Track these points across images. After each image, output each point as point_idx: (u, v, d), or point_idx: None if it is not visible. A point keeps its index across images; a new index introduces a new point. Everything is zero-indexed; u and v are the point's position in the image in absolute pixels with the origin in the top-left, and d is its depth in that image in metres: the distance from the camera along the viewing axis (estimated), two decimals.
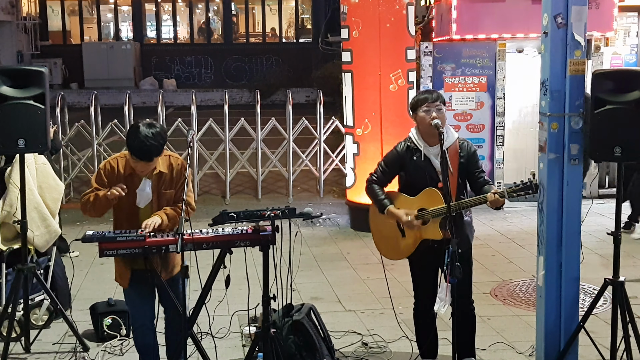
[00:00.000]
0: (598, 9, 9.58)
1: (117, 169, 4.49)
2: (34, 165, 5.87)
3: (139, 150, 4.31)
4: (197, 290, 4.74)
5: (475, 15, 9.72)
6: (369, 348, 5.45)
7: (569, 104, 4.59)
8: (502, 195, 4.35)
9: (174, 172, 4.58)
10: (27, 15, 24.06)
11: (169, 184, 4.58)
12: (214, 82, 26.25)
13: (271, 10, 27.73)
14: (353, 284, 6.98)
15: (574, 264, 4.72)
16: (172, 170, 4.58)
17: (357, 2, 8.63)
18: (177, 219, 4.50)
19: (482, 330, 5.57)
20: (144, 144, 4.28)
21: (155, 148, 4.33)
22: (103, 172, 4.51)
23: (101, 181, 4.49)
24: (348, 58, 8.84)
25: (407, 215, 4.55)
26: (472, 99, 9.96)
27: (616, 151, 4.46)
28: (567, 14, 4.51)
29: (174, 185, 4.59)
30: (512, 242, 8.42)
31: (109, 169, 4.50)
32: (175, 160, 4.63)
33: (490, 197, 4.37)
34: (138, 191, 4.49)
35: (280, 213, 4.33)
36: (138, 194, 4.50)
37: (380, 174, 4.75)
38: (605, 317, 5.52)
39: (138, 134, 4.29)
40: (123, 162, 4.50)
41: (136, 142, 4.29)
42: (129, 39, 27.11)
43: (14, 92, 5.00)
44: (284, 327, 4.84)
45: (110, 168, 4.50)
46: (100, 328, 5.59)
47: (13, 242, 5.74)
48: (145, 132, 4.30)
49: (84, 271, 7.34)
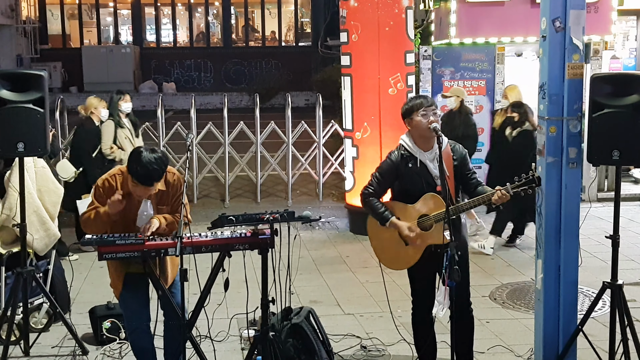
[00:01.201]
0: (597, 12, 9.60)
1: (115, 187, 4.47)
2: (34, 169, 5.87)
3: (142, 176, 4.32)
4: (196, 293, 4.74)
5: (474, 19, 9.74)
6: (367, 351, 5.45)
7: (567, 108, 4.60)
8: (506, 191, 4.36)
9: (171, 188, 4.58)
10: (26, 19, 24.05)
11: (165, 199, 4.59)
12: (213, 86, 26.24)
13: (271, 14, 27.74)
14: (352, 287, 6.98)
15: (573, 267, 4.72)
16: (169, 186, 4.58)
17: (356, 6, 8.64)
18: (174, 225, 4.50)
19: (481, 334, 5.58)
20: (147, 169, 4.30)
21: (157, 173, 4.36)
22: (102, 189, 4.50)
23: (100, 198, 4.49)
24: (347, 62, 8.85)
25: (410, 230, 4.53)
26: (471, 103, 9.97)
27: (614, 155, 4.47)
28: (565, 18, 4.52)
29: (170, 200, 4.60)
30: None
31: (107, 186, 4.49)
32: (172, 176, 4.61)
33: (497, 194, 4.37)
34: (139, 213, 4.49)
35: (279, 216, 4.34)
36: (139, 215, 4.49)
37: (375, 185, 4.68)
38: (603, 320, 5.52)
39: (141, 159, 4.31)
40: (121, 179, 4.49)
41: (140, 167, 4.31)
42: (128, 42, 27.10)
43: (14, 95, 5.01)
44: (282, 330, 4.84)
45: (109, 186, 4.49)
46: (100, 331, 5.59)
47: (12, 245, 5.75)
48: (148, 158, 4.32)
49: (83, 274, 7.34)
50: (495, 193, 4.40)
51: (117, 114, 8.27)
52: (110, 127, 8.22)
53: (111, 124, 8.24)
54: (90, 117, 8.35)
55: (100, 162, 8.17)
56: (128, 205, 4.45)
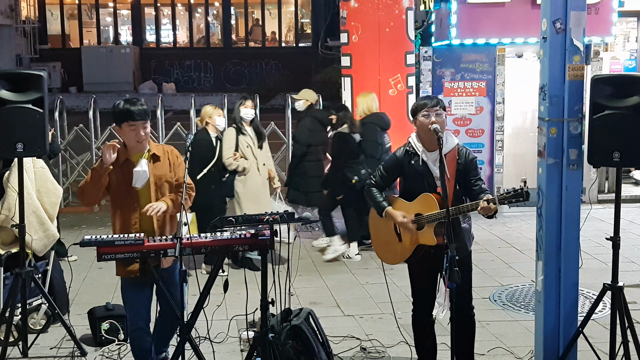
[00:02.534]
0: (597, 14, 9.59)
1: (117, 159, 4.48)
2: (33, 169, 5.86)
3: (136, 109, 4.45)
4: (195, 294, 4.72)
5: (475, 20, 9.72)
6: (367, 353, 5.44)
7: (567, 109, 4.59)
8: (492, 202, 4.31)
9: (169, 157, 4.63)
10: (26, 19, 24.06)
11: (166, 169, 4.59)
12: (213, 86, 26.26)
13: (271, 15, 27.76)
14: (352, 289, 6.97)
15: (573, 269, 4.71)
16: (167, 155, 4.63)
17: (356, 7, 8.64)
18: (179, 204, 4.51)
19: (481, 335, 5.57)
20: (135, 103, 4.48)
21: (146, 107, 4.53)
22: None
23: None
24: (347, 62, 8.85)
25: (404, 217, 4.55)
26: (472, 104, 9.96)
27: (615, 156, 4.46)
28: (566, 19, 4.51)
29: (172, 169, 4.62)
30: (511, 247, 8.41)
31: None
32: (168, 147, 4.73)
33: (482, 203, 4.33)
34: (135, 170, 4.45)
35: (279, 217, 4.33)
36: (135, 173, 4.45)
37: (379, 178, 4.76)
38: (604, 322, 5.51)
39: (127, 100, 4.52)
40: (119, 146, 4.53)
41: (129, 104, 4.47)
42: (128, 42, 27.13)
43: (13, 95, 5.00)
44: (282, 331, 4.83)
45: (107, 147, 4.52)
46: (98, 332, 5.58)
47: (11, 246, 5.74)
48: (130, 98, 4.58)
49: (82, 275, 7.33)
50: (481, 202, 4.35)
51: (240, 121, 7.46)
52: (231, 134, 7.41)
53: (232, 131, 7.43)
54: (205, 128, 7.45)
55: (216, 177, 7.36)
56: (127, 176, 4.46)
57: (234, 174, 7.46)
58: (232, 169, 7.39)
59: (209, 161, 7.28)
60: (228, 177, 7.47)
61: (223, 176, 7.45)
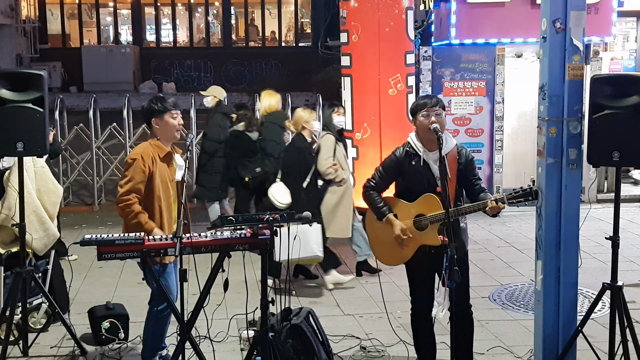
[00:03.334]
0: (597, 14, 9.60)
1: (152, 156, 4.69)
2: (33, 169, 5.86)
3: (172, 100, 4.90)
4: (195, 294, 4.73)
5: (475, 20, 9.73)
6: (367, 352, 5.45)
7: (567, 109, 4.60)
8: (502, 201, 4.35)
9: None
10: (26, 18, 24.04)
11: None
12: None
13: (271, 14, 27.74)
14: (351, 288, 6.97)
15: (573, 268, 4.72)
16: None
17: (356, 7, 8.64)
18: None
19: (481, 335, 5.58)
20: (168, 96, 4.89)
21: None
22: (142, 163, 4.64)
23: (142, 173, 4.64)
24: (347, 62, 8.85)
25: (402, 233, 4.55)
26: (471, 104, 9.97)
27: (614, 156, 4.47)
28: (565, 19, 4.52)
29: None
30: (510, 246, 8.42)
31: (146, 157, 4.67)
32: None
33: (490, 203, 4.36)
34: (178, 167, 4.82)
35: (279, 217, 4.34)
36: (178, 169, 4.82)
37: (378, 179, 4.73)
38: (603, 321, 5.52)
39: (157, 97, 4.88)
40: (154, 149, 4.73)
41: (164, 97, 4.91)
42: (128, 42, 27.11)
43: (13, 95, 5.00)
44: (282, 331, 4.83)
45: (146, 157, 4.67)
46: (99, 332, 5.58)
47: (11, 245, 5.74)
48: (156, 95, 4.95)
49: (83, 275, 7.34)
50: (489, 201, 4.38)
51: (332, 128, 7.12)
52: (330, 141, 7.00)
53: (331, 138, 7.03)
54: (301, 134, 7.03)
55: (312, 186, 6.89)
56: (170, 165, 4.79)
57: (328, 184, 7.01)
58: (330, 179, 6.94)
59: (309, 169, 6.88)
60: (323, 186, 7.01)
61: (320, 183, 7.01)
